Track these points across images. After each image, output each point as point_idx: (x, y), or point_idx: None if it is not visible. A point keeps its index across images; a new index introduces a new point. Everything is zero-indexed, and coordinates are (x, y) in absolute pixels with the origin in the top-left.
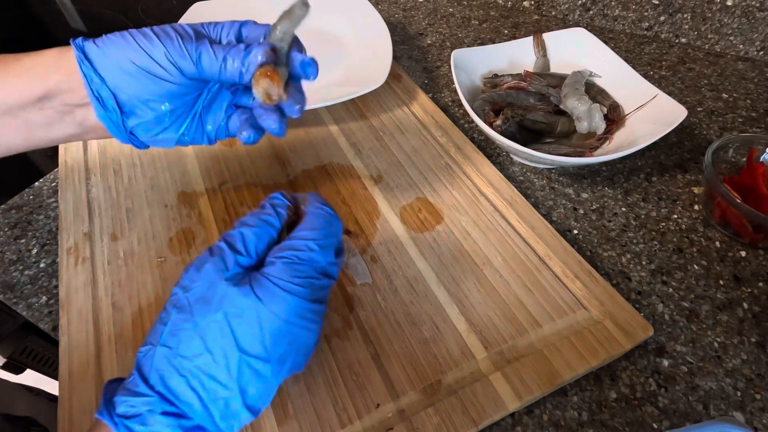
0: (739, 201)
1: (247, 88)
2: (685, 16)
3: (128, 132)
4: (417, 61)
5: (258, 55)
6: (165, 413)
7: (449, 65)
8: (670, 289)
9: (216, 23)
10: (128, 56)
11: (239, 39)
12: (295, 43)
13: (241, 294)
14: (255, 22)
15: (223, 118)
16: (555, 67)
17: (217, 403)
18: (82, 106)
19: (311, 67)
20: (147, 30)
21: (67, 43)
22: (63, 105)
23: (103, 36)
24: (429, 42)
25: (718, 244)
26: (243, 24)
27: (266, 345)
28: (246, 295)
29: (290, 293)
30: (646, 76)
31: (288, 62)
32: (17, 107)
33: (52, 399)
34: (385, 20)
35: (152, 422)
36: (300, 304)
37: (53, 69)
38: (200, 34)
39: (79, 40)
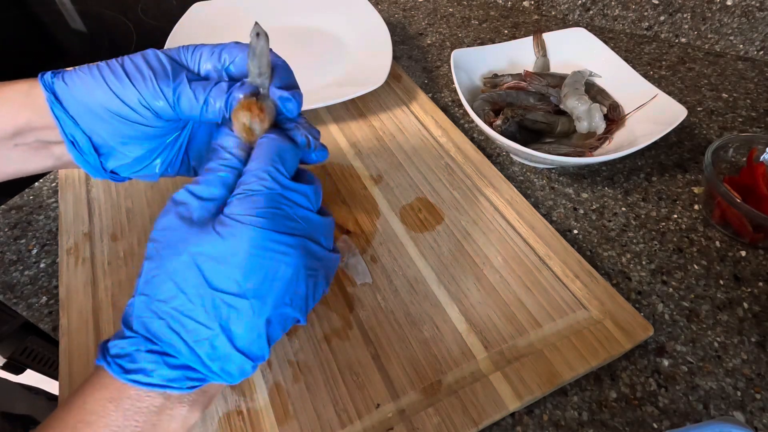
0: (739, 201)
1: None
2: (685, 15)
3: (108, 172)
4: (417, 61)
5: (240, 96)
6: (150, 351)
7: (449, 65)
8: (670, 289)
9: (196, 47)
10: (98, 100)
11: (219, 65)
12: (277, 75)
13: (203, 233)
14: (238, 43)
15: (205, 152)
16: (555, 67)
17: (202, 344)
18: (58, 144)
19: (291, 102)
20: (117, 66)
21: (68, 44)
22: (37, 142)
23: (73, 71)
24: (429, 42)
25: (718, 244)
26: (224, 48)
27: (237, 280)
28: (207, 233)
29: (248, 225)
30: (646, 76)
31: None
32: None
33: (51, 398)
34: (385, 20)
35: (140, 359)
36: (261, 234)
37: (23, 105)
38: (177, 68)
39: (48, 76)
